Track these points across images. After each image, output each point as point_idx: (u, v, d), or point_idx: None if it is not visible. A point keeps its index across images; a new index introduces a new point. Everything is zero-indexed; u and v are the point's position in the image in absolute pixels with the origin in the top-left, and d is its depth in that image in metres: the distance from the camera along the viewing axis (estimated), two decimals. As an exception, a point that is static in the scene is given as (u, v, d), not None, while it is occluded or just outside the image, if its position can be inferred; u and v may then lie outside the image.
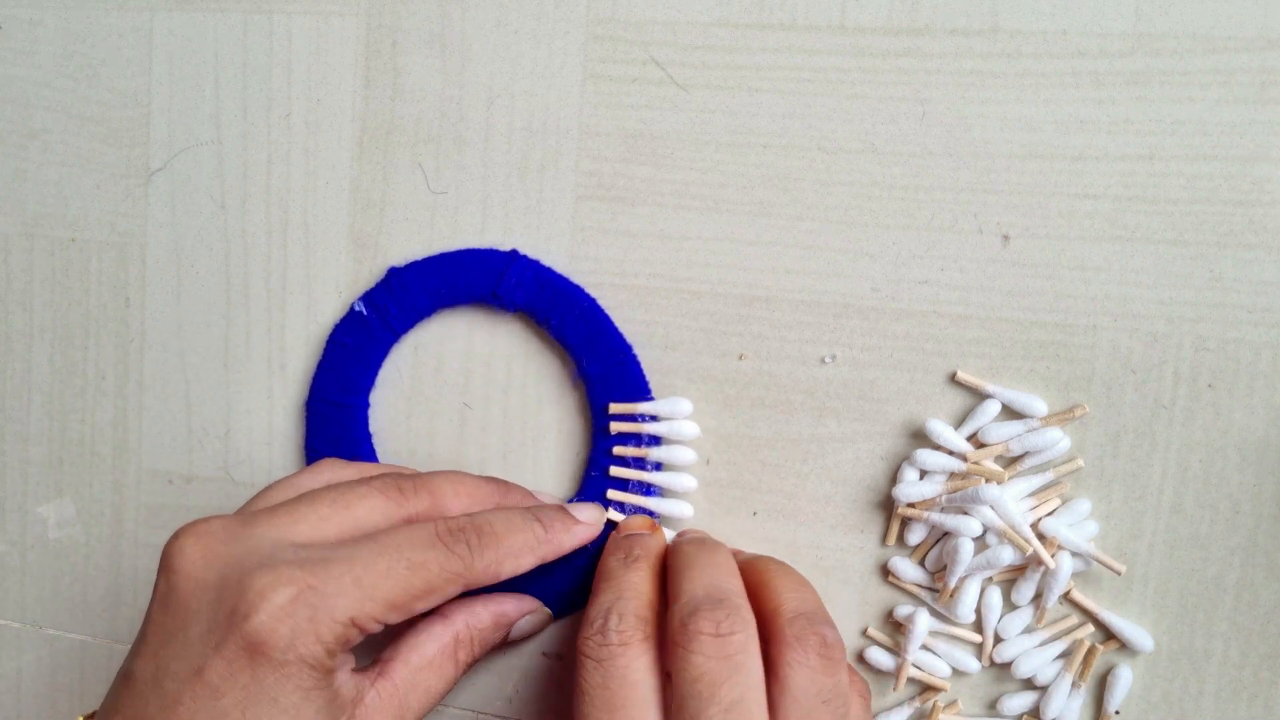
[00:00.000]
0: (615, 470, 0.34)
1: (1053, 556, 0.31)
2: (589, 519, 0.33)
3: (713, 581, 0.29)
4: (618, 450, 0.34)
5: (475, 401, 0.36)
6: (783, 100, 0.33)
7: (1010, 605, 0.32)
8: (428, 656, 0.31)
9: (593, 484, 0.35)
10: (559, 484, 0.36)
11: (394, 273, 0.36)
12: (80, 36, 0.39)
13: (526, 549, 0.31)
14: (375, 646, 0.32)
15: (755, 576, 0.30)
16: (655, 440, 0.34)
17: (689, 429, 0.34)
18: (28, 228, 0.40)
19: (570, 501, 0.35)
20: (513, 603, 0.34)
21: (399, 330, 0.36)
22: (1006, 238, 0.32)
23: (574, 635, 0.36)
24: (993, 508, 0.31)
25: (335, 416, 0.37)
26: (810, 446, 0.34)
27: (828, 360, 0.33)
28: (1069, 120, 0.31)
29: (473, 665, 0.33)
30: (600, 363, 0.34)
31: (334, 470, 0.33)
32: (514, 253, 0.35)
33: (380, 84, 0.36)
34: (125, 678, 0.28)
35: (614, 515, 0.34)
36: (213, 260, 0.38)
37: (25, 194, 0.40)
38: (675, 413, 0.34)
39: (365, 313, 0.36)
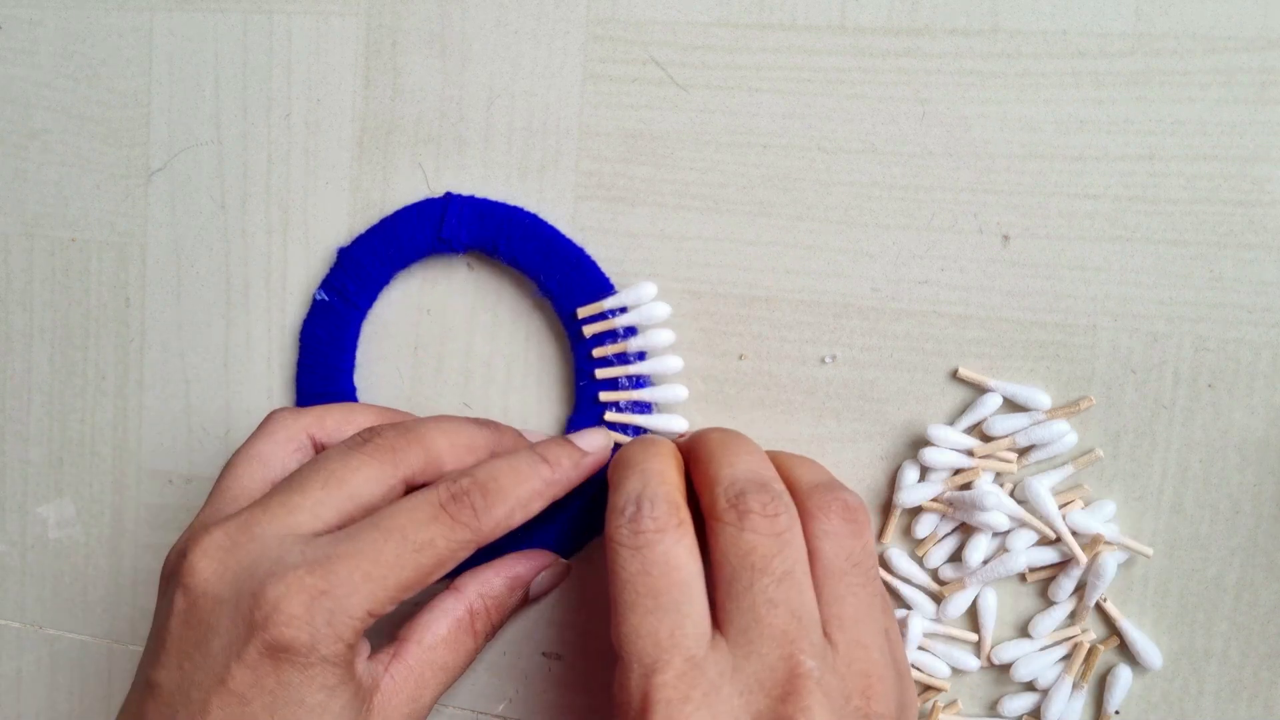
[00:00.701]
0: (601, 372, 0.34)
1: (1094, 555, 0.31)
2: (595, 445, 0.32)
3: (750, 467, 0.29)
4: (597, 352, 0.34)
5: (475, 401, 0.36)
6: (783, 100, 0.33)
7: (1047, 602, 0.32)
8: (440, 635, 0.31)
9: (582, 393, 0.35)
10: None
11: (342, 252, 0.36)
12: (80, 36, 0.39)
13: (535, 495, 0.30)
14: (388, 624, 0.32)
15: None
16: (632, 331, 0.34)
17: (660, 310, 0.34)
18: (28, 228, 0.40)
19: (569, 419, 0.35)
20: (526, 563, 0.33)
21: (363, 306, 0.36)
22: (1006, 238, 0.32)
23: (575, 628, 0.36)
24: (1028, 502, 0.31)
25: None
26: (810, 446, 0.34)
27: (828, 360, 0.33)
28: (1069, 120, 0.31)
29: (496, 632, 0.33)
30: (556, 272, 0.34)
31: (287, 426, 0.32)
32: (448, 195, 0.35)
33: (380, 84, 0.36)
34: (149, 688, 0.28)
35: (618, 438, 0.34)
36: (213, 260, 0.38)
37: (25, 194, 0.40)
38: (642, 298, 0.34)
39: (327, 299, 0.36)
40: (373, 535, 0.28)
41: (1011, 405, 0.32)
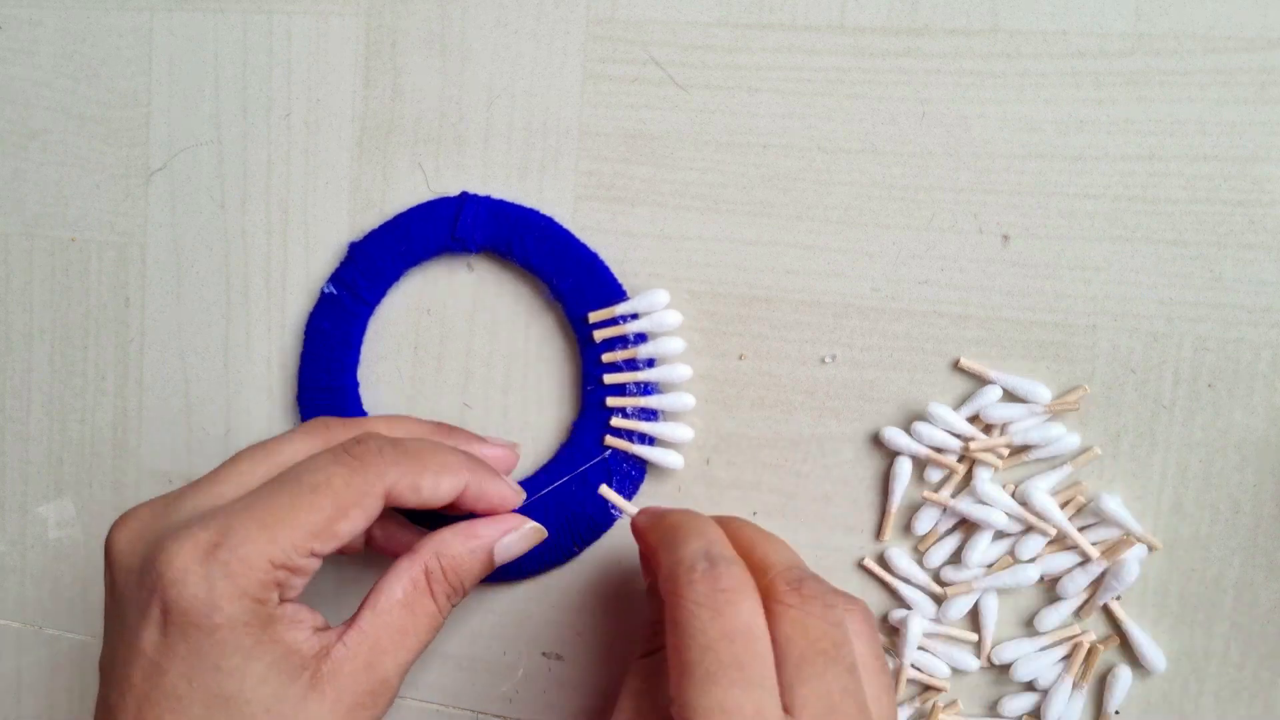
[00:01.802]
0: (609, 377, 0.34)
1: (1118, 555, 0.31)
2: (506, 490, 0.31)
3: (797, 562, 0.28)
4: (606, 357, 0.34)
5: (475, 401, 0.36)
6: (783, 100, 0.33)
7: (1054, 597, 0.32)
8: (396, 598, 0.29)
9: (589, 398, 0.35)
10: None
11: (354, 247, 0.36)
12: (80, 36, 0.39)
13: (446, 469, 0.29)
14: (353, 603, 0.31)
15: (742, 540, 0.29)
16: (642, 338, 0.34)
17: (671, 318, 0.34)
18: (28, 228, 0.40)
19: (574, 423, 0.35)
20: (490, 524, 0.31)
21: (371, 301, 0.36)
22: (1006, 238, 0.32)
23: (575, 628, 0.36)
24: (1030, 504, 0.31)
25: (328, 401, 0.37)
26: (810, 446, 0.34)
27: (828, 360, 0.33)
28: (1069, 120, 0.31)
29: (460, 596, 0.31)
30: (569, 276, 0.34)
31: (310, 438, 0.31)
32: (463, 194, 0.35)
33: (380, 84, 0.36)
34: (99, 674, 0.29)
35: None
36: (213, 260, 0.38)
37: (25, 194, 0.40)
38: (654, 305, 0.34)
39: (336, 292, 0.36)
40: (270, 487, 0.28)
41: (1011, 399, 0.32)
